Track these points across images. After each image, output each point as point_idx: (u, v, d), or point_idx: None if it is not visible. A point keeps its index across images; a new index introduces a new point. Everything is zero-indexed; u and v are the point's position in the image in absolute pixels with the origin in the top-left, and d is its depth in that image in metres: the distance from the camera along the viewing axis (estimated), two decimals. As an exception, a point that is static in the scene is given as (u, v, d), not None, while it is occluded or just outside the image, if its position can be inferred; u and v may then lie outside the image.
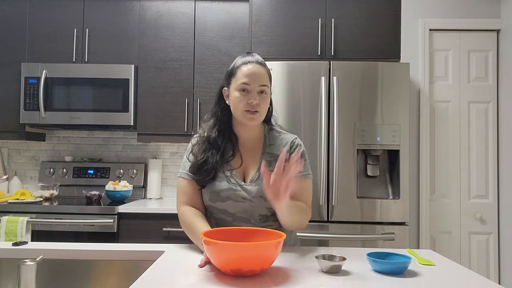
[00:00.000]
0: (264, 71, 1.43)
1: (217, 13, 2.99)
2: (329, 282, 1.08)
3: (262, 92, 1.41)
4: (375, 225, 2.46)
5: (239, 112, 1.41)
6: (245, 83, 1.39)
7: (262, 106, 1.41)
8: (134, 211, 2.62)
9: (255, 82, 1.39)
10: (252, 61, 1.42)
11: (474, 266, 3.11)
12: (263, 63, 1.45)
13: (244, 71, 1.41)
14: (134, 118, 2.93)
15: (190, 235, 1.40)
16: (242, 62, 1.43)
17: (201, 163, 1.42)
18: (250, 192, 1.40)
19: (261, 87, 1.40)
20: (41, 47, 2.99)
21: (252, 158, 1.47)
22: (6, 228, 2.48)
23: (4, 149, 3.30)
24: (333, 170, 2.47)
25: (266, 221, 1.43)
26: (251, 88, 1.39)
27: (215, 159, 1.42)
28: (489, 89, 3.18)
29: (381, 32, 2.70)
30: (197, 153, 1.45)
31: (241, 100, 1.39)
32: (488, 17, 3.17)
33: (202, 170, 1.41)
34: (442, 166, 3.17)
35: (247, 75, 1.40)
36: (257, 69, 1.41)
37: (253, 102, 1.38)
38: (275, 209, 1.28)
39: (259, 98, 1.40)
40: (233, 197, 1.41)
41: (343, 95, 2.53)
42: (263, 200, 1.40)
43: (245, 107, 1.39)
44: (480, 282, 1.11)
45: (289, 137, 1.53)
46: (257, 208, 1.42)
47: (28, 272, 1.21)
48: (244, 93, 1.39)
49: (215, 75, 2.95)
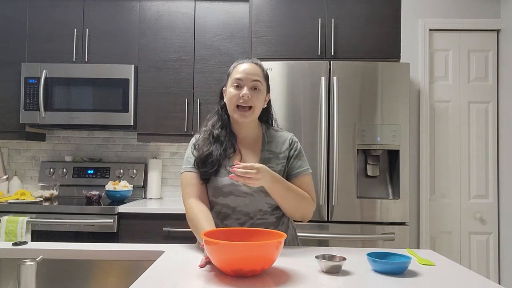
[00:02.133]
0: (258, 69, 1.49)
1: (217, 13, 2.99)
2: (329, 282, 1.08)
3: (255, 88, 1.45)
4: (375, 225, 2.46)
5: (232, 108, 1.46)
6: (238, 78, 1.45)
7: (255, 101, 1.45)
8: (134, 211, 2.62)
9: (248, 77, 1.44)
10: (247, 61, 1.49)
11: (474, 266, 3.11)
12: (259, 63, 1.51)
13: (238, 68, 1.48)
14: (134, 118, 2.93)
15: (194, 231, 1.41)
16: (238, 63, 1.50)
17: (206, 155, 1.45)
18: (251, 186, 1.42)
19: (254, 82, 1.45)
20: (41, 47, 2.99)
21: (252, 155, 1.51)
22: (6, 228, 2.48)
23: (4, 149, 3.30)
24: (333, 170, 2.47)
25: (264, 215, 1.47)
26: (243, 83, 1.44)
27: (219, 152, 1.46)
28: (489, 89, 3.18)
29: (381, 32, 2.70)
30: (202, 146, 1.49)
31: (233, 95, 1.44)
32: (488, 17, 3.17)
33: (207, 162, 1.45)
34: (442, 166, 3.17)
35: (240, 71, 1.46)
36: (251, 66, 1.47)
37: (244, 96, 1.42)
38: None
39: (252, 93, 1.44)
40: (235, 192, 1.45)
41: (343, 95, 2.53)
42: (264, 195, 1.44)
43: (237, 101, 1.44)
44: (480, 282, 1.11)
45: (287, 135, 1.58)
46: (258, 203, 1.46)
47: (28, 272, 1.21)
48: (237, 89, 1.45)
49: (215, 75, 2.95)
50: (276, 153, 1.52)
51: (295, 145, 1.55)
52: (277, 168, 1.49)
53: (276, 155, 1.51)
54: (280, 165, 1.50)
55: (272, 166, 1.47)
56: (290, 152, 1.53)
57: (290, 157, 1.52)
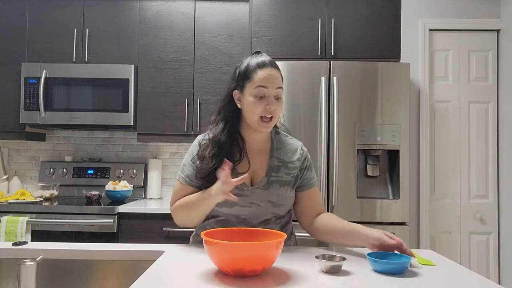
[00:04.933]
0: (279, 73, 1.38)
1: (217, 13, 2.99)
2: (329, 282, 1.08)
3: (277, 97, 1.36)
4: (375, 225, 2.46)
5: (255, 119, 1.35)
6: (263, 87, 1.33)
7: (278, 111, 1.38)
8: (134, 211, 2.62)
9: (272, 86, 1.34)
10: (267, 64, 1.36)
11: (474, 266, 3.10)
12: (277, 66, 1.40)
13: (260, 75, 1.34)
14: (134, 118, 2.93)
15: (188, 210, 1.39)
16: (257, 65, 1.36)
17: (212, 170, 1.34)
18: (259, 196, 1.39)
19: (278, 90, 1.36)
20: (41, 47, 2.99)
21: (260, 161, 1.44)
22: (6, 228, 2.48)
23: (4, 149, 3.30)
24: (333, 170, 2.47)
25: (267, 224, 1.42)
26: (268, 93, 1.34)
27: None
28: (489, 89, 3.18)
29: (381, 32, 2.70)
30: (207, 158, 1.37)
31: (257, 106, 1.33)
32: (488, 17, 3.16)
33: (212, 176, 1.34)
34: (442, 166, 3.17)
35: (264, 80, 1.34)
36: (273, 72, 1.36)
37: (271, 108, 1.33)
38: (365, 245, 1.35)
39: (276, 103, 1.35)
40: (240, 203, 1.37)
41: (343, 95, 2.53)
42: (271, 205, 1.40)
43: (262, 112, 1.34)
44: (480, 282, 1.11)
45: (296, 143, 1.51)
46: (263, 213, 1.40)
47: (28, 272, 1.21)
48: (260, 99, 1.34)
49: (215, 75, 2.95)
50: (285, 162, 1.45)
51: (307, 156, 1.50)
52: (286, 178, 1.43)
53: (285, 164, 1.44)
54: (289, 176, 1.43)
55: (280, 175, 1.42)
56: (304, 163, 1.47)
57: (303, 169, 1.47)
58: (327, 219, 1.45)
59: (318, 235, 1.46)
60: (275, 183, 1.41)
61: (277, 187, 1.41)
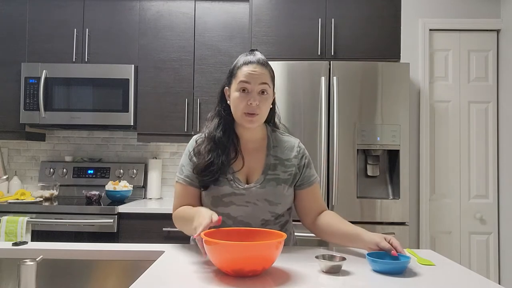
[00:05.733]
0: (266, 70, 1.38)
1: (217, 13, 2.99)
2: (329, 282, 1.08)
3: (263, 92, 1.36)
4: (375, 225, 2.46)
5: (238, 114, 1.36)
6: (245, 82, 1.34)
7: (263, 107, 1.36)
8: (134, 211, 2.62)
9: (255, 81, 1.34)
10: (253, 61, 1.37)
11: (474, 266, 3.10)
12: (265, 63, 1.39)
13: (244, 71, 1.35)
14: (134, 118, 2.93)
15: (183, 225, 1.37)
16: (243, 62, 1.38)
17: (207, 165, 1.36)
18: (255, 194, 1.38)
19: (262, 85, 1.35)
20: (41, 47, 2.99)
21: (256, 159, 1.43)
22: (6, 228, 2.48)
23: (4, 149, 3.30)
24: (333, 170, 2.47)
25: (267, 225, 1.41)
26: (251, 88, 1.34)
27: (220, 160, 1.37)
28: (489, 89, 3.18)
29: (381, 32, 2.70)
30: (203, 153, 1.39)
31: (240, 101, 1.35)
32: (488, 17, 3.16)
33: (208, 170, 1.36)
34: (442, 166, 3.17)
35: (247, 75, 1.34)
36: (258, 68, 1.36)
37: (253, 103, 1.33)
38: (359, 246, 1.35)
39: (260, 98, 1.35)
40: (236, 202, 1.37)
41: (343, 95, 2.53)
42: (268, 204, 1.39)
43: (244, 108, 1.34)
44: (480, 282, 1.11)
45: (293, 141, 1.50)
46: (261, 212, 1.39)
47: (28, 272, 1.21)
48: (243, 94, 1.35)
49: (215, 75, 2.95)
50: (282, 160, 1.44)
51: (305, 153, 1.49)
52: (283, 176, 1.42)
53: (282, 162, 1.44)
54: (286, 174, 1.43)
55: (277, 173, 1.42)
56: (302, 161, 1.46)
57: (302, 167, 1.46)
58: (330, 219, 1.44)
59: (321, 234, 1.46)
60: (272, 181, 1.40)
61: (274, 185, 1.40)
